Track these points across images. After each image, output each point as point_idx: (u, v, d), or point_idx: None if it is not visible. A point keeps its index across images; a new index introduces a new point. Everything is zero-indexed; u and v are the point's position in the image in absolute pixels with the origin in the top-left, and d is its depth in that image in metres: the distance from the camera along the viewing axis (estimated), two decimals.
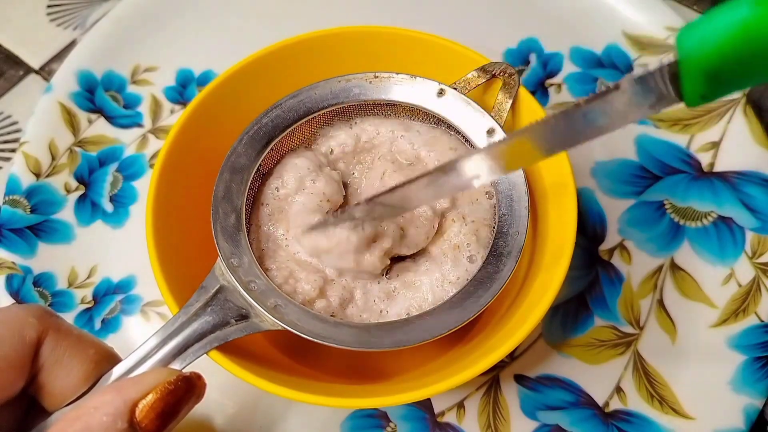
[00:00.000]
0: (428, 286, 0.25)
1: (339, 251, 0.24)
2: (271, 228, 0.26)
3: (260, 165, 0.26)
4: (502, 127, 0.26)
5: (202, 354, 0.22)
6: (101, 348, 0.22)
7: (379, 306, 0.25)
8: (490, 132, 0.26)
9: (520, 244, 0.25)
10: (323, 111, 0.27)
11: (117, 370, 0.21)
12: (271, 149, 0.27)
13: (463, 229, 0.26)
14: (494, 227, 0.26)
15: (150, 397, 0.19)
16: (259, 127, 0.27)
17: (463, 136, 0.27)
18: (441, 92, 0.27)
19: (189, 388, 0.20)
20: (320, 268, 0.25)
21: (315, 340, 0.22)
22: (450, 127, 0.27)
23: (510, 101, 0.27)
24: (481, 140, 0.26)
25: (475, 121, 0.26)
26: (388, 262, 0.25)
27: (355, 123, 0.28)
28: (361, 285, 0.25)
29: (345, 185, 0.28)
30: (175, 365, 0.22)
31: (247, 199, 0.26)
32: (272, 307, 0.23)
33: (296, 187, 0.26)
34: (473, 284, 0.24)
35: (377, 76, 0.27)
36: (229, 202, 0.25)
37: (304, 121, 0.27)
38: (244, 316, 0.23)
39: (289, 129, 0.27)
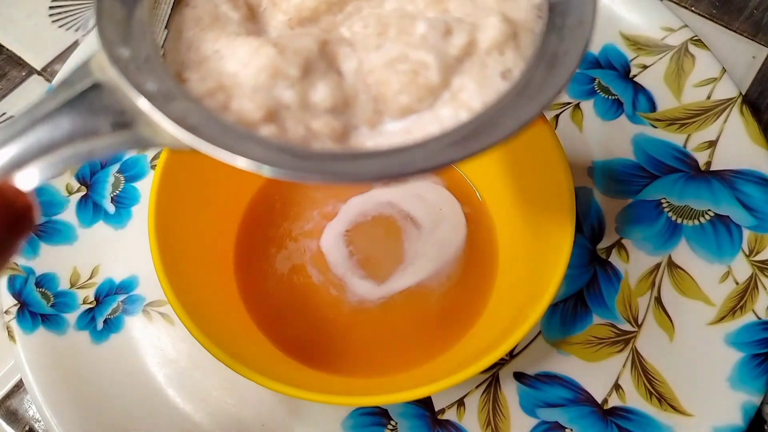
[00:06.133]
0: (436, 119, 0.17)
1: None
2: (197, 35, 0.18)
3: None
4: None
5: (52, 175, 0.15)
6: None
7: (361, 141, 0.17)
8: None
9: (583, 38, 0.17)
10: None
11: None
12: None
13: (494, 32, 0.18)
14: (540, 30, 0.18)
15: None
16: None
17: None
18: None
19: None
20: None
21: (250, 167, 0.15)
22: None
23: None
24: None
25: None
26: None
27: None
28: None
29: None
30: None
31: None
32: (179, 117, 0.15)
33: None
34: (509, 97, 0.17)
35: None
36: None
37: None
38: (125, 125, 0.16)
39: None
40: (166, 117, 0.15)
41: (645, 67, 0.35)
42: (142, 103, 0.15)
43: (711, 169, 0.32)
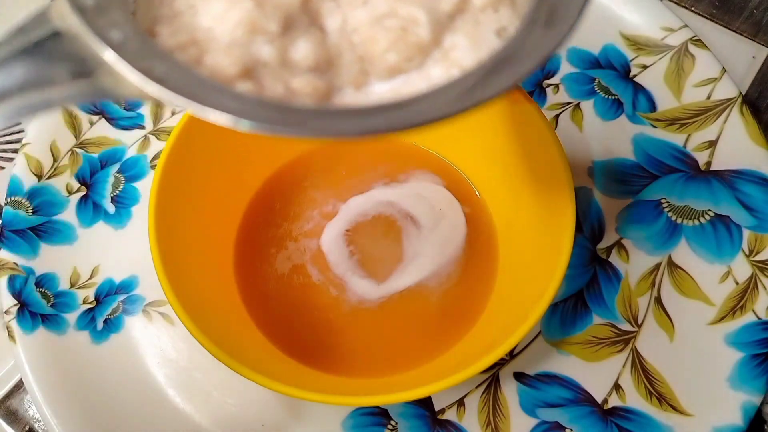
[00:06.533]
0: (426, 79, 0.16)
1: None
2: None
3: None
4: None
5: (2, 126, 0.15)
6: None
7: (345, 102, 0.16)
8: None
9: None
10: None
11: None
12: None
13: None
14: None
15: None
16: None
17: None
18: None
19: None
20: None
21: (223, 120, 0.14)
22: None
23: None
24: None
25: None
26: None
27: None
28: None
29: None
30: None
31: None
32: (145, 68, 0.14)
33: None
34: (503, 55, 0.16)
35: None
36: None
37: None
38: (85, 74, 0.15)
39: None
40: (132, 68, 0.14)
41: (645, 67, 0.35)
42: (107, 55, 0.14)
43: (711, 169, 0.32)
